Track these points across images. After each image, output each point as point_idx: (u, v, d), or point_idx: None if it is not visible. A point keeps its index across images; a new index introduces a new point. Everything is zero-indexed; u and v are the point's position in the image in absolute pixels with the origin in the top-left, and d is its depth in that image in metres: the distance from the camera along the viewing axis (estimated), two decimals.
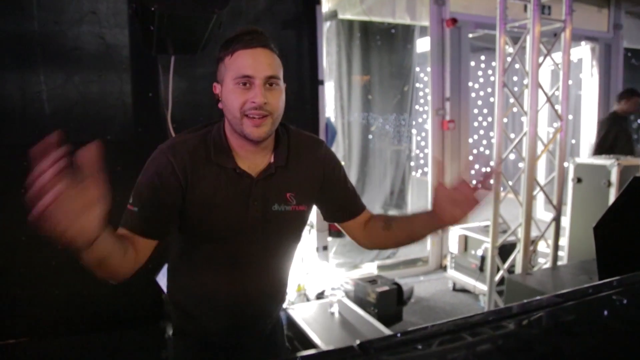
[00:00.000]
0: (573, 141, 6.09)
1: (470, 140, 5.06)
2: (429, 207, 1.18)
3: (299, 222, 1.30)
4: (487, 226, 3.63)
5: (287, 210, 1.23)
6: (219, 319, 1.31)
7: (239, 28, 1.14)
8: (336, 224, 1.37)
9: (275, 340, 1.46)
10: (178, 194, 1.15)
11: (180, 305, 1.35)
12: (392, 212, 4.55)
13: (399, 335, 0.45)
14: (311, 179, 1.27)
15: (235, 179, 1.18)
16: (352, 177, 4.35)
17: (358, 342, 0.44)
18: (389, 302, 3.11)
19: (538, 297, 0.55)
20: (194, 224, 1.19)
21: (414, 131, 4.93)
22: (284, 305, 2.17)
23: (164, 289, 2.46)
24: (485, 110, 8.53)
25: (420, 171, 8.54)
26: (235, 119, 1.12)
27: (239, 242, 1.21)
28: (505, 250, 3.38)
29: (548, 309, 0.53)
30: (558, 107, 3.20)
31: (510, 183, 3.23)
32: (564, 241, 3.60)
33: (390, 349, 0.43)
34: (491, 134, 8.11)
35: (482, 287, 3.52)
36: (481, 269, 3.58)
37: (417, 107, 5.37)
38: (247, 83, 1.09)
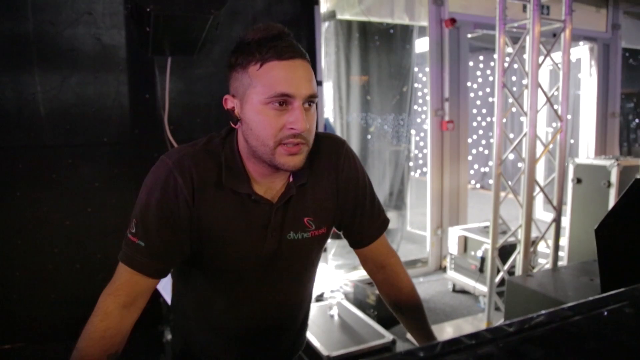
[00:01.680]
0: (572, 141, 6.09)
1: (469, 141, 5.05)
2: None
3: (319, 246, 1.12)
4: (486, 227, 3.62)
5: (304, 238, 1.05)
6: (228, 351, 1.16)
7: (261, 27, 0.92)
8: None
9: None
10: (189, 221, 0.97)
11: (187, 331, 1.19)
12: (392, 214, 4.54)
13: (402, 354, 0.43)
14: (330, 195, 1.08)
15: (250, 207, 1.00)
16: None
17: None
18: None
19: (544, 311, 0.53)
20: (199, 256, 1.02)
21: (412, 131, 4.91)
22: None
23: (162, 293, 2.44)
24: (484, 111, 8.54)
25: (419, 171, 8.55)
26: (264, 147, 0.92)
27: (251, 274, 1.06)
28: (505, 251, 3.36)
29: (555, 324, 0.51)
30: (557, 107, 3.19)
31: (510, 184, 3.22)
32: (564, 242, 3.59)
33: None
34: (490, 134, 8.12)
35: (482, 288, 3.51)
36: (481, 270, 3.56)
37: (416, 107, 5.36)
38: (283, 103, 0.89)
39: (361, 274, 3.89)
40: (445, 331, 3.36)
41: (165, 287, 2.42)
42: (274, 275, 1.07)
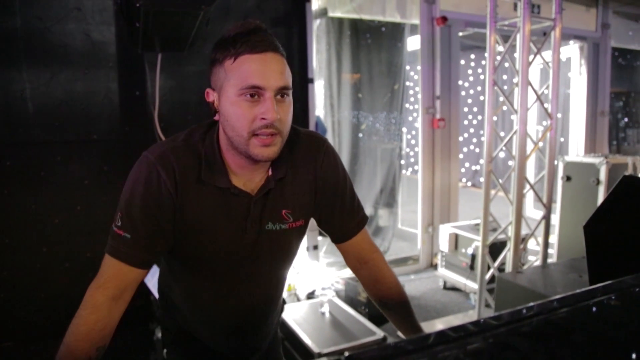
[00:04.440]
0: (562, 139, 6.14)
1: (461, 139, 5.08)
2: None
3: (297, 238, 1.16)
4: (477, 224, 3.64)
5: (282, 229, 1.09)
6: (215, 338, 1.22)
7: (239, 23, 0.95)
8: None
9: (274, 356, 1.38)
10: (172, 213, 1.00)
11: (177, 320, 1.24)
12: (383, 212, 4.55)
13: (389, 346, 0.43)
14: (308, 190, 1.11)
15: (230, 200, 1.02)
16: None
17: (346, 354, 0.42)
18: None
19: (532, 303, 0.53)
20: (182, 249, 1.06)
21: (404, 129, 4.92)
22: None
23: (152, 290, 2.42)
24: (475, 109, 8.59)
25: (410, 169, 8.58)
26: (239, 138, 0.95)
27: (231, 265, 1.09)
28: (495, 249, 3.39)
29: (543, 316, 0.52)
30: (547, 105, 3.21)
31: (500, 181, 3.23)
32: (553, 239, 3.62)
33: None
34: (481, 132, 8.15)
35: (473, 285, 3.53)
36: (472, 267, 3.58)
37: (407, 105, 5.38)
38: (255, 95, 0.92)
39: None
40: (436, 328, 3.36)
41: (155, 285, 2.41)
42: (257, 265, 1.11)
